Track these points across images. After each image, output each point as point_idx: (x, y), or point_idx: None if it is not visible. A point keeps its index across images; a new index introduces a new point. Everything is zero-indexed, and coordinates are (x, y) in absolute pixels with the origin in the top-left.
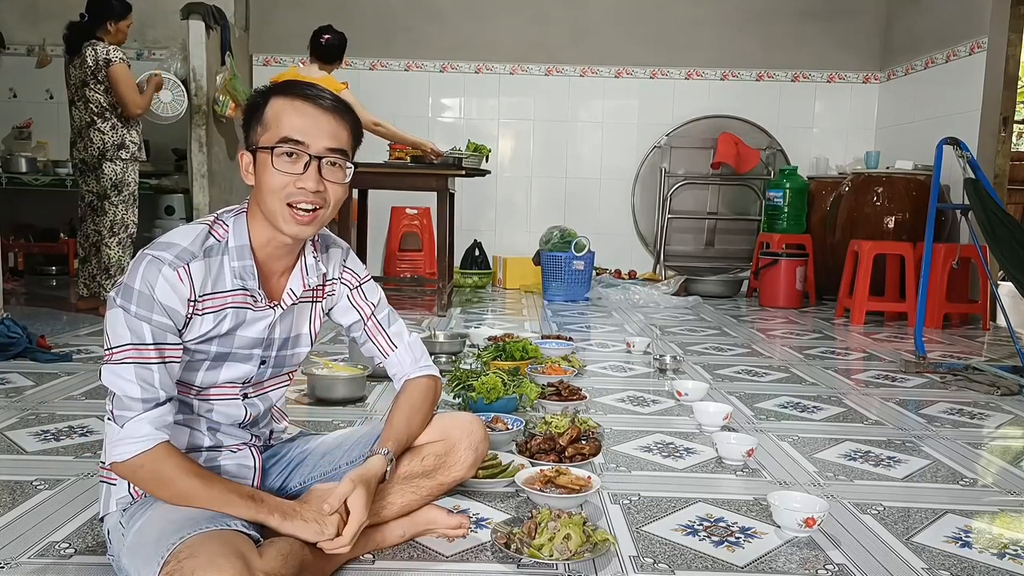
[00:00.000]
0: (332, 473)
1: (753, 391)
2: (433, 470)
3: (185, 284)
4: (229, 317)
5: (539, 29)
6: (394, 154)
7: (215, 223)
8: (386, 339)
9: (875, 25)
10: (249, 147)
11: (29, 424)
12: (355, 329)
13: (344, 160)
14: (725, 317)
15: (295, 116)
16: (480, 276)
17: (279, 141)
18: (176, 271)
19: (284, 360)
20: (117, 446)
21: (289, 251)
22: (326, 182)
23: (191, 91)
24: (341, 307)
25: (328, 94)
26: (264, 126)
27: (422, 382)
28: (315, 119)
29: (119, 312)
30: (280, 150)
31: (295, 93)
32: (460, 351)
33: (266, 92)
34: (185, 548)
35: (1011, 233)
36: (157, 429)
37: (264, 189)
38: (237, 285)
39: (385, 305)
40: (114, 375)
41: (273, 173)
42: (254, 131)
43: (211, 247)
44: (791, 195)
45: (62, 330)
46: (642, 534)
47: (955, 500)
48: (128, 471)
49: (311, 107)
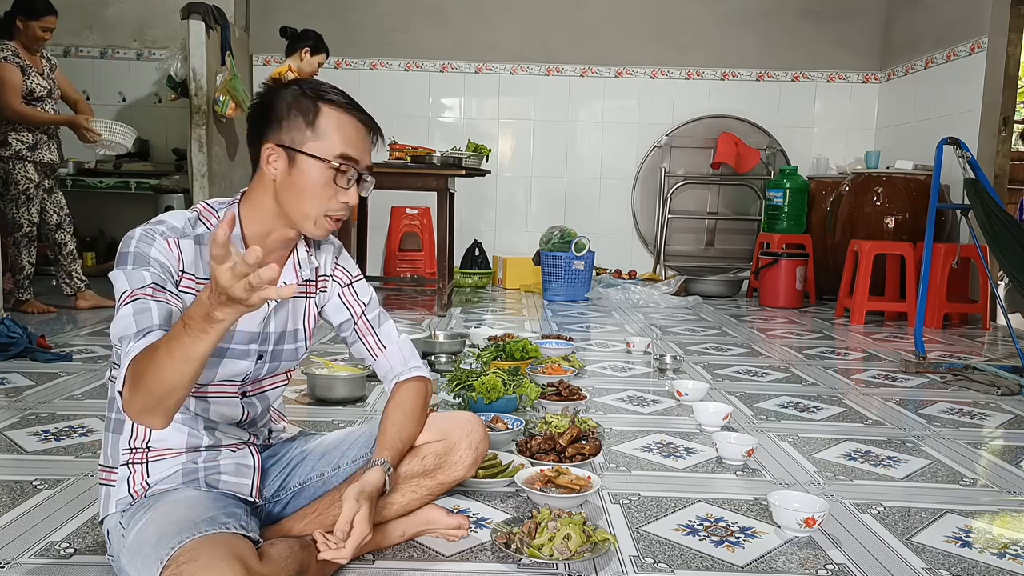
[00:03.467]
0: (331, 473)
1: (753, 391)
2: (434, 470)
3: (174, 252)
4: None
5: (539, 29)
6: (394, 154)
7: (205, 210)
8: (376, 339)
9: (875, 25)
10: (284, 143)
11: (29, 424)
12: (345, 328)
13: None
14: (725, 317)
15: (354, 134)
16: (480, 276)
17: (339, 156)
18: (167, 240)
19: (281, 355)
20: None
21: (286, 245)
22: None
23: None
24: (332, 305)
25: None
26: (317, 133)
27: (413, 385)
28: (365, 138)
29: (118, 272)
30: (341, 167)
31: (349, 108)
32: (460, 351)
33: (316, 96)
34: (184, 552)
35: (1011, 233)
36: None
37: (305, 195)
38: None
39: (376, 305)
40: (115, 323)
41: (324, 185)
42: (298, 131)
43: (202, 234)
44: (791, 195)
45: (62, 330)
46: (642, 534)
47: (955, 500)
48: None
49: (363, 126)
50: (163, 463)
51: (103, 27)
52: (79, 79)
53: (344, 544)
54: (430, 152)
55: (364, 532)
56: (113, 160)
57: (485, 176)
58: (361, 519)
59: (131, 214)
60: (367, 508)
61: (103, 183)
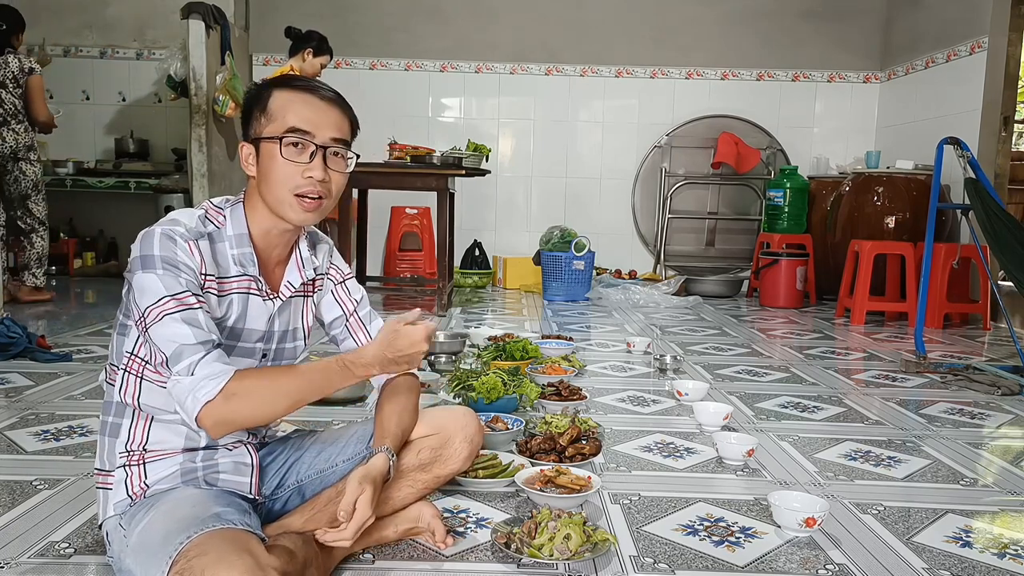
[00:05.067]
0: (328, 471)
1: (753, 391)
2: (430, 464)
3: (195, 256)
4: (235, 304)
5: (539, 29)
6: (394, 154)
7: (211, 210)
8: (367, 336)
9: (875, 25)
10: (250, 138)
11: (29, 424)
12: (336, 325)
13: (346, 150)
14: (725, 317)
15: (302, 107)
16: (480, 276)
17: (287, 131)
18: (187, 243)
19: (283, 354)
20: (199, 391)
21: (287, 240)
22: (330, 171)
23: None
24: (326, 302)
25: (329, 87)
26: (269, 117)
27: (404, 381)
28: (321, 110)
29: (148, 275)
30: (288, 140)
31: (299, 86)
32: (460, 351)
33: (268, 84)
34: (194, 547)
35: (1011, 233)
36: (225, 364)
37: (271, 179)
38: (239, 272)
39: (367, 303)
40: (163, 328)
41: (281, 163)
42: (257, 122)
43: (212, 233)
44: (791, 195)
45: (62, 330)
46: (642, 534)
47: (955, 500)
48: (222, 407)
49: (317, 99)
50: (161, 463)
51: (103, 27)
52: (79, 79)
53: (346, 526)
54: (430, 152)
55: (366, 515)
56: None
57: (485, 176)
58: (364, 502)
59: (131, 214)
60: (370, 492)
61: (103, 183)
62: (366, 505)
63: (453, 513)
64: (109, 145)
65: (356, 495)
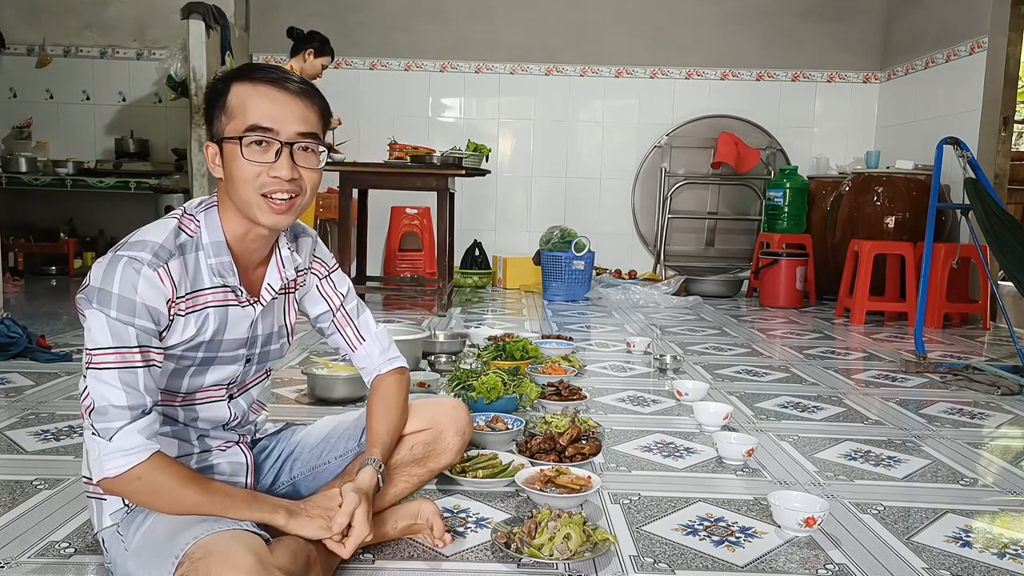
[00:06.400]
0: (321, 468)
1: (753, 391)
2: (423, 458)
3: (166, 284)
4: (211, 318)
5: (539, 29)
6: (394, 154)
7: (183, 217)
8: (355, 331)
9: (875, 25)
10: (213, 138)
11: (29, 424)
12: (323, 320)
13: (316, 144)
14: (725, 317)
15: (261, 102)
16: (480, 276)
17: (247, 130)
18: (156, 271)
19: (268, 356)
20: (107, 460)
21: (266, 242)
22: (300, 168)
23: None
24: (310, 297)
25: (294, 76)
26: (228, 115)
27: (393, 378)
28: (283, 104)
29: (99, 315)
30: (249, 139)
31: (258, 77)
32: (460, 351)
33: (227, 78)
34: (198, 548)
35: (1011, 233)
36: (148, 439)
37: (236, 181)
38: (216, 283)
39: (353, 296)
40: (97, 381)
41: (243, 164)
42: (218, 120)
43: (184, 244)
44: (791, 195)
45: (62, 330)
46: (642, 534)
47: (955, 500)
48: (122, 486)
49: (277, 91)
50: None
51: (103, 27)
52: (79, 79)
53: (344, 544)
54: (430, 152)
55: (364, 533)
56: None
57: (485, 176)
58: (360, 520)
59: (131, 214)
60: (364, 506)
61: (103, 183)
62: (362, 524)
63: (453, 513)
64: (109, 145)
65: (352, 507)
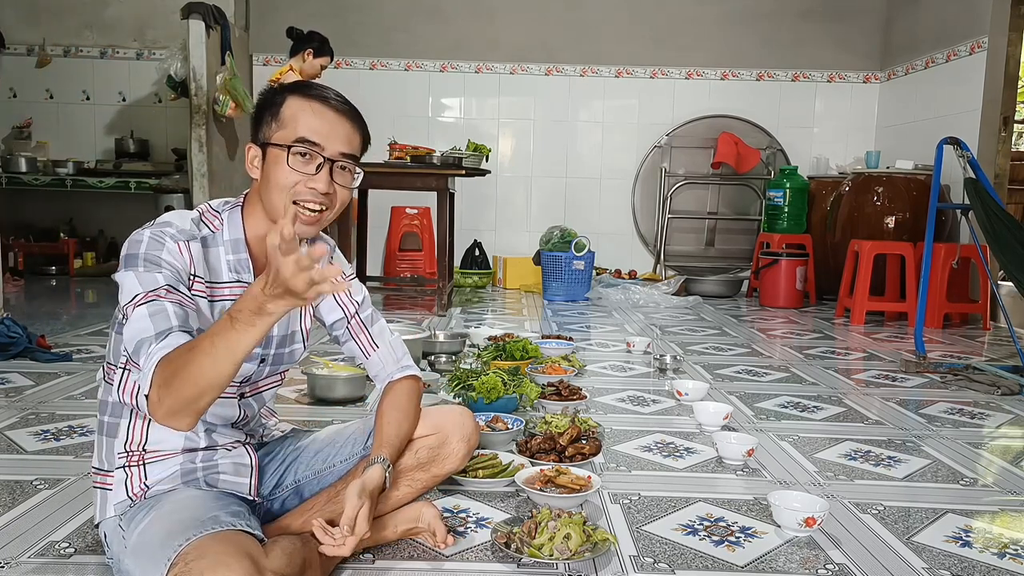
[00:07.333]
0: (326, 471)
1: (753, 391)
2: (428, 463)
3: (185, 256)
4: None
5: (539, 29)
6: (394, 154)
7: (206, 213)
8: (368, 338)
9: (875, 25)
10: (259, 141)
11: (29, 424)
12: (338, 327)
13: (354, 165)
14: (725, 317)
15: (313, 118)
16: (480, 276)
17: (295, 141)
18: (177, 244)
19: (282, 358)
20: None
21: None
22: (335, 184)
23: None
24: (326, 304)
25: (344, 99)
26: (280, 123)
27: (406, 384)
28: (332, 123)
29: (128, 273)
30: (296, 150)
31: (314, 95)
32: (460, 351)
33: (283, 90)
34: (192, 549)
35: (1011, 233)
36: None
37: (272, 185)
38: (233, 278)
39: (368, 304)
40: (130, 325)
41: (286, 171)
42: (267, 126)
43: (206, 237)
44: (791, 195)
45: (62, 330)
46: (642, 533)
47: (955, 500)
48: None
49: (329, 111)
50: (161, 464)
51: (103, 27)
52: (79, 79)
53: (344, 542)
54: (430, 152)
55: (364, 531)
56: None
57: (485, 176)
58: (362, 518)
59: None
60: (368, 506)
61: (103, 183)
62: (364, 521)
63: (453, 513)
64: (109, 145)
65: (356, 509)
